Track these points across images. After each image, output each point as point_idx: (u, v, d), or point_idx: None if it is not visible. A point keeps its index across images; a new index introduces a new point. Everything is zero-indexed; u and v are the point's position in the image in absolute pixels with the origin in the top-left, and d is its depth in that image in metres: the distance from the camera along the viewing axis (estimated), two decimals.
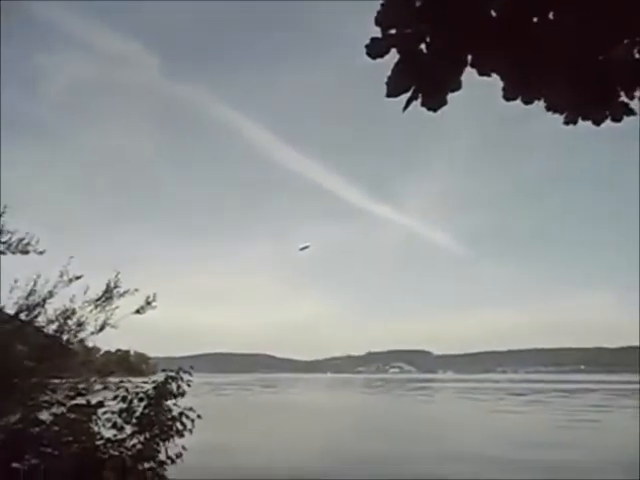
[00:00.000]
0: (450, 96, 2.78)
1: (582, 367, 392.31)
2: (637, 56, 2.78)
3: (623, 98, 2.85)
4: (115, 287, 10.11)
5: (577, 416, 34.36)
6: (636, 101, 2.86)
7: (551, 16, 2.62)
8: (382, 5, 2.69)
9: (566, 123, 2.98)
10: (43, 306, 9.68)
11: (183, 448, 7.50)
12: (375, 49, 2.67)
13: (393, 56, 2.73)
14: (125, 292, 10.18)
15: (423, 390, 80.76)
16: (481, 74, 2.65)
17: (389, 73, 2.75)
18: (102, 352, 15.71)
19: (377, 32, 2.66)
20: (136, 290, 10.31)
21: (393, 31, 2.61)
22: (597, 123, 2.95)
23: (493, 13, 2.59)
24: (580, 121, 2.99)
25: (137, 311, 10.22)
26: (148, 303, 10.21)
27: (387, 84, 2.77)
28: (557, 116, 2.98)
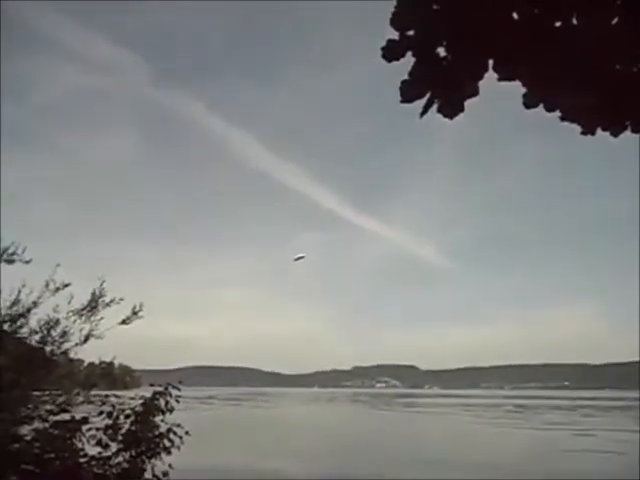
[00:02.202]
0: None
1: (566, 383, 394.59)
2: None
3: None
4: (100, 296, 9.82)
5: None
6: None
7: (574, 21, 2.51)
8: (397, 6, 2.56)
9: (584, 133, 2.86)
10: (26, 317, 9.40)
11: (170, 466, 7.23)
12: (391, 51, 2.54)
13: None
14: (111, 301, 9.89)
15: (395, 407, 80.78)
16: (502, 79, 2.53)
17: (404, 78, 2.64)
18: (85, 364, 15.34)
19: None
20: (121, 299, 10.02)
21: (411, 32, 2.49)
22: (615, 134, 2.84)
23: (515, 16, 2.48)
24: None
25: (123, 321, 9.93)
26: (135, 313, 9.93)
27: (401, 89, 2.64)
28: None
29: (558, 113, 2.79)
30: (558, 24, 2.51)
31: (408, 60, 2.60)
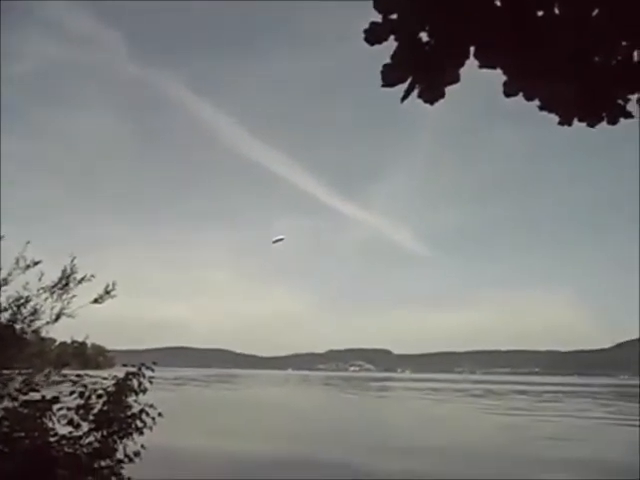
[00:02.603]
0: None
1: (536, 370, 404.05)
2: (636, 59, 2.70)
3: (620, 100, 2.79)
4: (72, 273, 9.65)
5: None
6: (632, 104, 2.80)
7: (556, 11, 2.52)
8: None
9: (561, 124, 2.89)
10: None
11: (142, 447, 7.21)
12: (374, 34, 2.51)
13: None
14: (82, 279, 9.72)
15: (364, 390, 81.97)
16: (483, 67, 2.53)
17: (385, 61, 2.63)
18: (57, 343, 15.11)
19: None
20: (92, 276, 9.84)
21: (394, 16, 2.47)
22: (592, 125, 2.87)
23: (498, 3, 2.47)
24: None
25: (95, 300, 9.79)
26: (107, 292, 9.78)
27: (382, 73, 2.62)
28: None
29: (537, 102, 2.82)
30: (540, 13, 2.52)
31: (391, 44, 2.59)
